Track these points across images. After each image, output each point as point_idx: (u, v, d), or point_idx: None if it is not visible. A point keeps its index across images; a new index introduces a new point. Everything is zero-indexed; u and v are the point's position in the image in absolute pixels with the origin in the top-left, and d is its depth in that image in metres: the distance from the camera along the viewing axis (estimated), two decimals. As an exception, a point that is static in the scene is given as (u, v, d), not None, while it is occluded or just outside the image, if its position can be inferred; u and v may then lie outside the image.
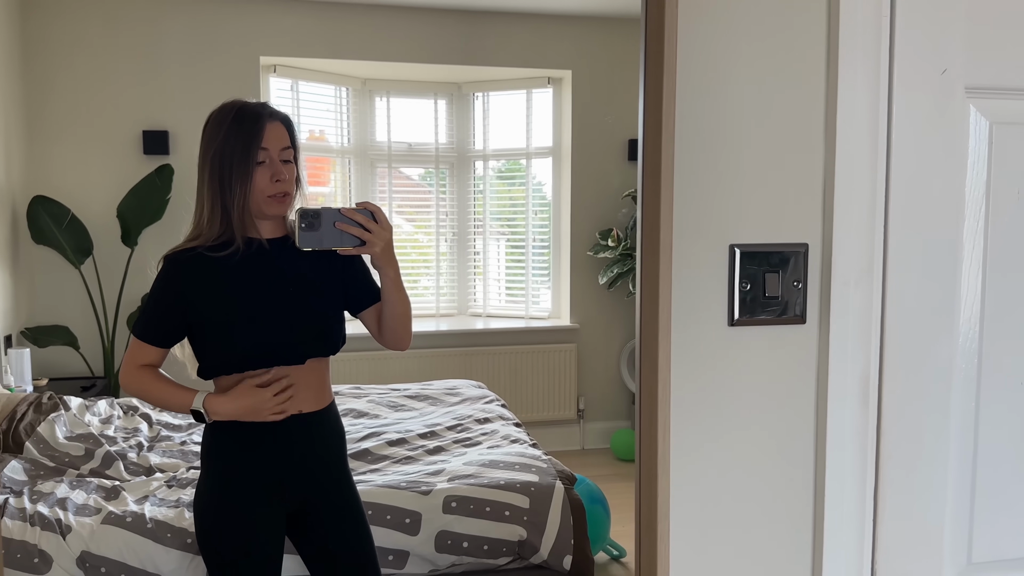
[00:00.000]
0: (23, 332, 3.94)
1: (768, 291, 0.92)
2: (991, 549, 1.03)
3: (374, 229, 1.60)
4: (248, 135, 1.62)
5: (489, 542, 2.43)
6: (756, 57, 0.91)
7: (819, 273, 0.95)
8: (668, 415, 0.85)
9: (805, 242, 0.94)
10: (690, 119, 0.87)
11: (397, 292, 1.73)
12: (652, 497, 0.85)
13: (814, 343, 0.95)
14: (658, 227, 0.84)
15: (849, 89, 0.92)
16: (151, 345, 1.70)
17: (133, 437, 3.02)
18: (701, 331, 0.91)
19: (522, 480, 2.57)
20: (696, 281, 0.90)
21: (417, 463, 2.83)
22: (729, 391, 0.93)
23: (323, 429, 1.78)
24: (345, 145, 4.83)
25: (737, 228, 0.92)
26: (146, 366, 1.71)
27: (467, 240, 5.06)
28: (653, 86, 0.84)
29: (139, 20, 4.14)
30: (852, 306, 0.94)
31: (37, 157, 4.10)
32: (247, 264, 1.67)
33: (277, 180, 1.64)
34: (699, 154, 0.89)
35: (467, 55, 4.60)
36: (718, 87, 0.89)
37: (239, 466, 1.72)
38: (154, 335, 1.70)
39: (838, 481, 0.95)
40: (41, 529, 2.23)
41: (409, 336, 1.81)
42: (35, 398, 3.07)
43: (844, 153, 0.92)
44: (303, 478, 1.77)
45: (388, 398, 3.63)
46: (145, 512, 2.33)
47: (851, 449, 0.96)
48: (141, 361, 1.71)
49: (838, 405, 0.94)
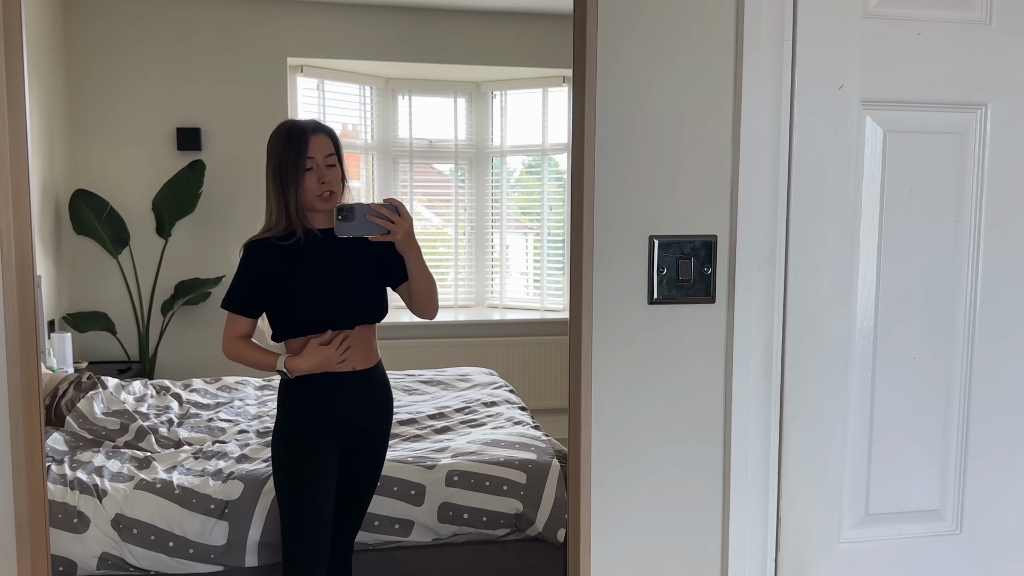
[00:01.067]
0: (65, 317, 4.21)
1: (682, 275, 1.09)
2: (886, 502, 1.19)
3: (397, 220, 1.98)
4: (297, 147, 2.03)
5: (488, 514, 2.60)
6: (669, 70, 1.07)
7: (727, 260, 1.11)
8: (590, 381, 1.02)
9: (714, 234, 1.10)
10: (612, 125, 1.04)
11: (419, 271, 2.09)
12: (576, 452, 1.02)
13: (723, 320, 1.11)
14: (582, 220, 1.01)
15: (753, 100, 1.07)
16: (240, 316, 2.08)
17: (164, 414, 3.25)
18: (625, 309, 1.07)
19: (520, 458, 2.75)
20: (621, 267, 1.07)
21: (424, 441, 3.02)
22: (649, 362, 1.09)
23: (372, 383, 2.15)
24: (369, 142, 5.04)
25: (656, 221, 1.08)
26: (240, 337, 2.10)
27: (485, 234, 5.24)
28: (579, 96, 1.00)
29: (173, 23, 4.38)
30: (755, 288, 1.10)
31: (78, 153, 4.36)
32: (307, 250, 2.05)
33: (323, 182, 2.04)
34: (621, 156, 1.05)
35: (485, 55, 4.77)
36: (636, 96, 1.05)
37: (304, 411, 2.09)
38: (241, 306, 2.09)
39: (744, 440, 1.11)
40: (80, 493, 2.46)
41: (435, 308, 2.19)
42: (75, 377, 3.31)
43: (748, 156, 1.08)
44: (354, 423, 2.13)
45: (403, 383, 3.83)
46: (173, 480, 2.55)
47: (755, 412, 1.12)
48: (235, 333, 2.10)
49: (743, 373, 1.10)
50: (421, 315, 2.21)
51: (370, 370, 2.16)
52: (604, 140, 1.04)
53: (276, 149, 2.05)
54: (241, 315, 2.09)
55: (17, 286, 0.94)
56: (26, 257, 0.96)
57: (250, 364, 2.12)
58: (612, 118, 1.04)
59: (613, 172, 1.06)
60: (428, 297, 2.16)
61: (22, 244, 0.96)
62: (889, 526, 1.19)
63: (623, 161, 1.06)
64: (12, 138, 0.93)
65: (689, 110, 1.09)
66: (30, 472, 0.95)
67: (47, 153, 4.07)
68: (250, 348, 2.11)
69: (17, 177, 0.96)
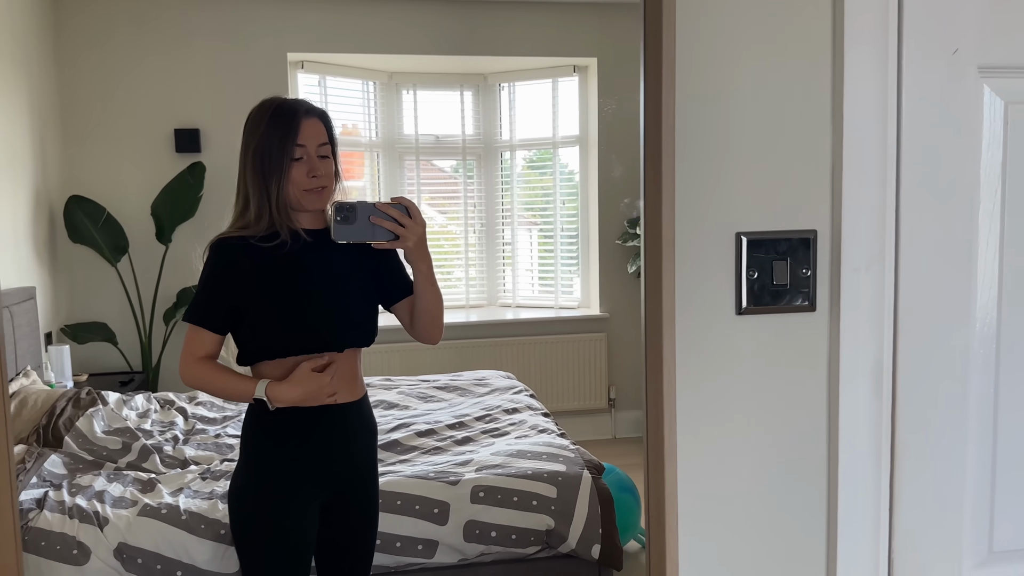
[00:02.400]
0: (63, 329, 4.04)
1: (776, 279, 0.91)
2: (1013, 537, 1.01)
3: (407, 224, 1.65)
4: (284, 132, 1.67)
5: (517, 531, 2.44)
6: (760, 39, 0.89)
7: (828, 260, 0.93)
8: (674, 405, 0.85)
9: (814, 228, 0.93)
10: (692, 105, 0.86)
11: (429, 286, 1.76)
12: (660, 489, 0.85)
13: (824, 331, 0.94)
14: (660, 217, 0.83)
15: (856, 71, 0.90)
16: (206, 330, 1.72)
17: (169, 430, 3.08)
18: (708, 320, 0.90)
19: (549, 470, 2.58)
20: (702, 271, 0.89)
21: (445, 453, 2.85)
22: (738, 381, 0.92)
23: (356, 421, 1.82)
24: (373, 139, 4.86)
25: (743, 216, 0.90)
26: (204, 358, 1.73)
27: (495, 230, 5.07)
28: (653, 71, 0.83)
29: (168, 20, 4.20)
30: (863, 293, 0.92)
31: (72, 158, 4.19)
32: (293, 255, 1.71)
33: (313, 176, 1.69)
34: (702, 141, 0.88)
35: (492, 45, 4.59)
36: (721, 70, 0.88)
37: (277, 455, 1.74)
38: (208, 319, 1.72)
39: (852, 470, 0.94)
40: (79, 521, 2.30)
41: (440, 331, 1.84)
42: (74, 393, 3.15)
43: (852, 137, 0.91)
44: (337, 468, 1.80)
45: (418, 389, 3.66)
46: (180, 504, 2.38)
47: (865, 438, 0.94)
48: (199, 353, 1.73)
49: (850, 394, 0.92)
50: (424, 339, 1.84)
51: (356, 404, 1.81)
52: (680, 122, 0.86)
53: (258, 131, 1.69)
54: (207, 330, 1.72)
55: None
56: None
57: (216, 391, 1.71)
58: (689, 96, 0.87)
59: (691, 159, 0.88)
60: (434, 318, 1.80)
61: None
62: (1017, 564, 1.02)
63: (702, 146, 0.89)
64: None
65: (780, 82, 0.91)
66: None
67: (40, 158, 3.90)
68: (218, 371, 1.71)
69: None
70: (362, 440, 1.84)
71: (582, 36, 4.66)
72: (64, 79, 4.14)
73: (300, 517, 1.76)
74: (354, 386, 1.81)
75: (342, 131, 4.76)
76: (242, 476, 1.78)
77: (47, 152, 3.99)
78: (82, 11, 4.12)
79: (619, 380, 4.92)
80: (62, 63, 4.13)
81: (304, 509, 1.76)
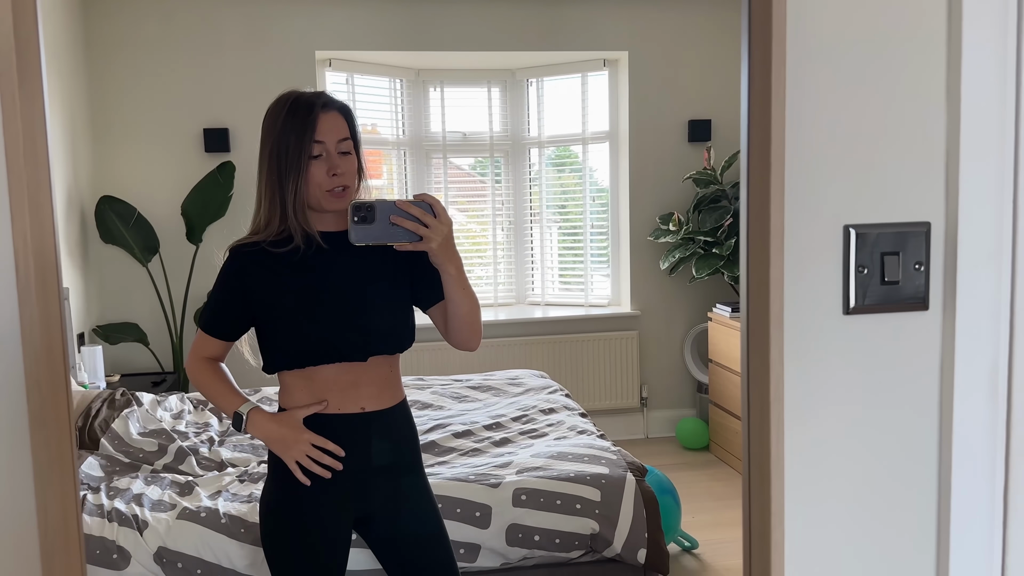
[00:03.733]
0: (95, 330, 4.03)
1: (887, 275, 0.84)
2: None
3: (431, 223, 1.51)
4: (302, 128, 1.57)
5: (561, 535, 2.38)
6: (871, 19, 0.82)
7: (942, 254, 0.86)
8: (781, 413, 0.79)
9: (927, 220, 0.86)
10: (799, 89, 0.80)
11: (460, 290, 1.62)
12: (765, 502, 0.79)
13: (938, 331, 0.87)
14: (768, 209, 0.77)
15: (975, 50, 0.83)
16: (214, 338, 1.70)
17: (204, 432, 3.05)
18: (814, 321, 0.83)
19: (592, 472, 2.52)
20: (807, 266, 0.83)
21: (484, 455, 2.80)
22: (845, 385, 0.85)
23: (388, 429, 1.70)
24: (400, 137, 4.82)
25: (852, 207, 0.84)
26: (209, 359, 1.71)
27: (523, 228, 5.01)
28: (759, 54, 0.77)
29: (195, 19, 4.18)
30: (981, 290, 0.85)
31: (103, 158, 4.18)
32: (309, 260, 1.63)
33: (334, 174, 1.59)
34: (808, 127, 0.81)
35: (520, 40, 4.53)
36: (830, 53, 0.81)
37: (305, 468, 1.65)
38: (217, 327, 1.69)
39: (965, 480, 0.87)
40: (119, 525, 2.27)
41: (477, 337, 1.71)
42: (108, 394, 3.12)
43: (970, 122, 0.84)
44: (367, 479, 1.70)
45: (451, 389, 3.61)
46: (219, 507, 2.35)
47: (979, 446, 0.87)
48: (204, 353, 1.71)
49: (965, 399, 0.86)
50: (461, 345, 1.71)
51: (388, 411, 1.70)
52: (788, 104, 0.80)
53: (275, 128, 1.59)
54: (214, 337, 1.69)
55: (39, 322, 0.72)
56: (49, 274, 0.73)
57: (208, 397, 1.69)
58: (797, 80, 0.80)
59: (796, 146, 0.82)
60: (470, 322, 1.67)
61: (44, 258, 0.74)
62: None
63: (810, 132, 0.82)
64: (25, 128, 0.70)
65: (891, 61, 0.84)
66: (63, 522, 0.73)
67: (71, 159, 3.88)
68: (214, 379, 1.68)
69: (35, 177, 0.73)
70: (396, 449, 1.72)
71: (613, 29, 4.59)
72: (94, 80, 4.13)
73: (326, 530, 1.67)
74: (384, 394, 1.70)
75: (368, 130, 4.72)
76: (268, 487, 1.71)
77: (78, 153, 3.97)
78: (112, 12, 4.11)
79: (651, 379, 4.85)
80: (92, 64, 4.12)
81: (331, 522, 1.68)
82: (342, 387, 1.66)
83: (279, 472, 1.69)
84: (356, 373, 1.66)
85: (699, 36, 4.65)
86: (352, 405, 1.67)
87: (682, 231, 4.40)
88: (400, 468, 1.74)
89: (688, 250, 4.42)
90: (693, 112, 4.71)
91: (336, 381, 1.65)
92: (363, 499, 1.70)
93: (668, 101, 4.67)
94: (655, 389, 4.86)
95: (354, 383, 1.66)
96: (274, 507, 1.70)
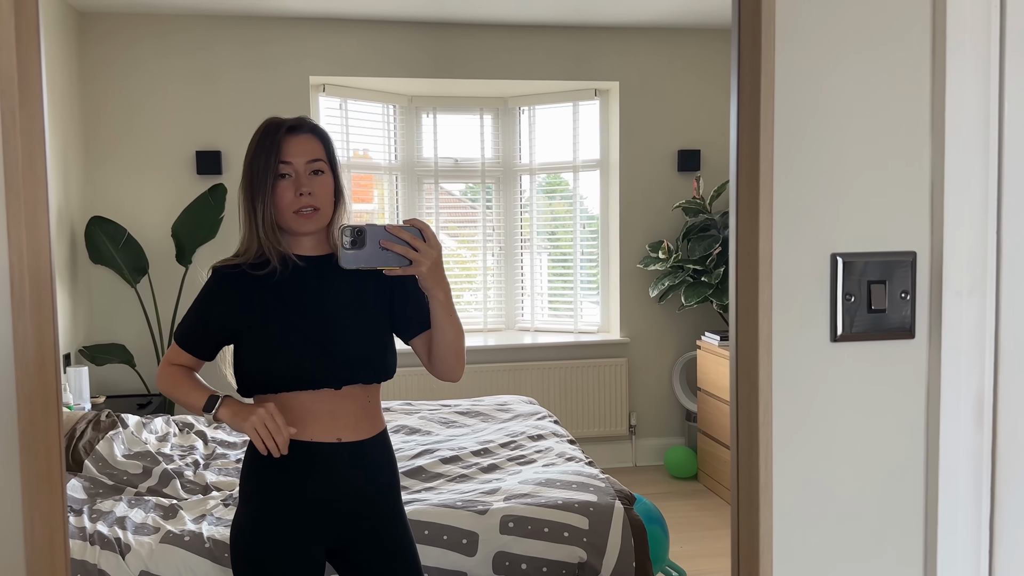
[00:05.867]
0: (81, 350, 4.00)
1: (874, 303, 0.86)
2: (1120, 582, 0.94)
3: (421, 248, 1.51)
4: (268, 149, 1.59)
5: (548, 564, 2.37)
6: (857, 52, 0.85)
7: (928, 283, 0.88)
8: (770, 439, 0.79)
9: (913, 250, 0.87)
10: (788, 119, 0.82)
11: (447, 316, 1.62)
12: (753, 529, 0.79)
13: (923, 359, 0.88)
14: (756, 235, 0.78)
15: (958, 84, 0.85)
16: (186, 352, 1.70)
17: (189, 455, 3.03)
18: (801, 348, 0.84)
19: (580, 500, 2.51)
20: (795, 294, 0.84)
21: (472, 481, 2.78)
22: (833, 413, 0.86)
23: (363, 461, 1.68)
24: (392, 162, 4.84)
25: (839, 236, 0.85)
26: (178, 365, 1.70)
27: (514, 254, 5.03)
28: (748, 84, 0.78)
29: (190, 43, 4.21)
30: (965, 318, 0.87)
31: (94, 178, 4.18)
32: (284, 283, 1.63)
33: (300, 193, 1.59)
34: (797, 156, 0.83)
35: (513, 69, 4.58)
36: (817, 85, 0.83)
37: (270, 491, 1.65)
38: (190, 343, 1.70)
39: (951, 508, 0.88)
40: (100, 548, 2.24)
41: (460, 366, 1.70)
42: (94, 416, 3.10)
43: (954, 153, 0.86)
44: (341, 511, 1.67)
45: (439, 414, 3.59)
46: (203, 531, 2.32)
47: (965, 474, 0.88)
48: (175, 361, 1.70)
49: (951, 426, 0.87)
50: (444, 375, 1.69)
51: (364, 443, 1.67)
52: (777, 135, 0.81)
53: (249, 152, 1.62)
54: (187, 352, 1.68)
55: (33, 339, 0.72)
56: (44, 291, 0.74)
57: (179, 398, 1.64)
58: (786, 109, 0.82)
59: (784, 174, 0.83)
60: (455, 351, 1.66)
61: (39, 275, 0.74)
62: (1123, 612, 0.95)
63: (798, 161, 0.84)
64: (25, 145, 0.71)
65: (878, 96, 0.86)
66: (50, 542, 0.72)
67: (62, 178, 3.88)
68: (185, 378, 1.66)
69: (32, 195, 0.74)
70: (372, 481, 1.69)
71: (604, 60, 4.65)
72: (87, 100, 4.14)
73: (289, 559, 1.64)
74: (362, 424, 1.67)
75: (360, 155, 4.74)
76: (239, 511, 1.69)
77: (69, 172, 3.97)
78: (106, 33, 4.13)
79: (640, 407, 4.85)
80: (86, 84, 4.13)
81: (297, 552, 1.64)
82: (317, 416, 1.64)
83: (247, 496, 1.68)
84: (332, 402, 1.64)
85: (689, 67, 4.72)
86: (327, 435, 1.64)
87: (671, 259, 4.43)
88: (375, 499, 1.71)
89: (677, 278, 4.44)
90: (682, 142, 4.77)
91: (311, 409, 1.64)
92: (335, 529, 1.68)
93: (658, 131, 4.73)
94: (644, 417, 4.86)
95: (330, 412, 1.64)
96: (244, 532, 1.67)
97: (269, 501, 1.65)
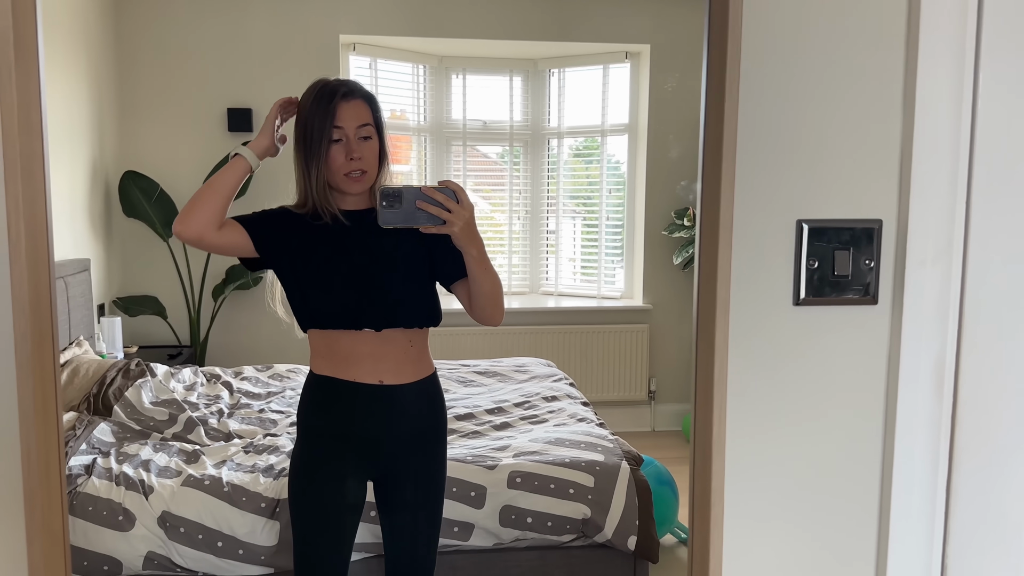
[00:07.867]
0: (115, 301, 4.14)
1: (837, 270, 0.88)
2: (1078, 550, 0.96)
3: (454, 208, 1.61)
4: (323, 114, 1.70)
5: (553, 519, 2.43)
6: (828, 16, 0.85)
7: (893, 252, 0.89)
8: (724, 396, 0.82)
9: (879, 218, 0.89)
10: (755, 84, 0.83)
11: (482, 271, 1.74)
12: (706, 480, 0.82)
13: (886, 325, 0.90)
14: (718, 200, 0.81)
15: (931, 54, 0.86)
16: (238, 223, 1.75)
17: (214, 404, 3.13)
18: (764, 310, 0.87)
19: (587, 459, 2.56)
20: (760, 258, 0.86)
21: (484, 438, 2.85)
22: (793, 374, 0.89)
23: (404, 403, 1.79)
24: (421, 123, 4.86)
25: (805, 202, 0.87)
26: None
27: (540, 218, 5.04)
28: (716, 50, 0.80)
29: (224, 1, 4.25)
30: (928, 287, 0.88)
31: (128, 134, 4.27)
32: (332, 233, 1.75)
33: (352, 158, 1.70)
34: (764, 123, 0.84)
35: (543, 31, 4.55)
36: (786, 49, 0.84)
37: (318, 428, 1.78)
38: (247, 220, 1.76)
39: (907, 471, 0.90)
40: (126, 488, 2.35)
41: (500, 313, 1.83)
42: (124, 364, 3.22)
43: (924, 122, 0.86)
44: (384, 448, 1.80)
45: (458, 373, 3.66)
46: (223, 476, 2.42)
47: (922, 438, 0.90)
48: None
49: (910, 391, 0.89)
50: (484, 321, 1.84)
51: (405, 387, 1.79)
52: (743, 103, 0.83)
53: (303, 114, 1.74)
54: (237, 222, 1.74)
55: (28, 283, 0.77)
56: (41, 248, 0.79)
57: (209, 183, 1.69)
58: (753, 76, 0.83)
59: (751, 141, 0.85)
60: (493, 300, 1.79)
61: (35, 231, 0.79)
62: (1080, 579, 0.97)
63: (765, 129, 0.85)
64: (21, 96, 0.76)
65: (849, 63, 0.87)
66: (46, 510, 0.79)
67: (97, 133, 3.98)
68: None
69: (27, 144, 0.78)
70: (411, 424, 1.81)
71: (635, 22, 4.60)
72: (123, 55, 4.22)
73: (326, 485, 1.77)
74: (405, 368, 1.79)
75: (396, 116, 4.77)
76: (294, 450, 1.84)
77: (104, 127, 4.07)
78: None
79: (660, 372, 4.87)
80: (121, 39, 4.21)
81: (336, 480, 1.78)
82: (360, 357, 1.76)
83: (300, 435, 1.82)
84: (374, 344, 1.76)
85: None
86: (370, 376, 1.76)
87: (696, 226, 4.41)
88: (411, 441, 1.83)
89: (701, 245, 4.42)
90: (713, 108, 4.70)
91: (354, 351, 1.76)
92: (373, 464, 1.81)
93: (688, 96, 4.68)
94: (663, 383, 4.88)
95: (372, 355, 1.76)
96: (292, 466, 1.82)
97: (313, 437, 1.79)
